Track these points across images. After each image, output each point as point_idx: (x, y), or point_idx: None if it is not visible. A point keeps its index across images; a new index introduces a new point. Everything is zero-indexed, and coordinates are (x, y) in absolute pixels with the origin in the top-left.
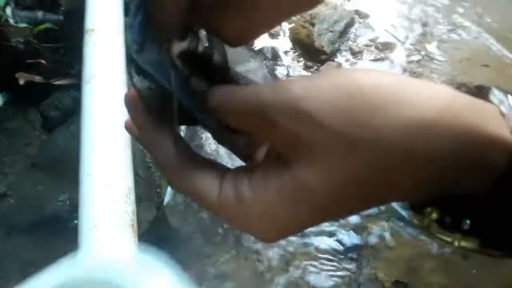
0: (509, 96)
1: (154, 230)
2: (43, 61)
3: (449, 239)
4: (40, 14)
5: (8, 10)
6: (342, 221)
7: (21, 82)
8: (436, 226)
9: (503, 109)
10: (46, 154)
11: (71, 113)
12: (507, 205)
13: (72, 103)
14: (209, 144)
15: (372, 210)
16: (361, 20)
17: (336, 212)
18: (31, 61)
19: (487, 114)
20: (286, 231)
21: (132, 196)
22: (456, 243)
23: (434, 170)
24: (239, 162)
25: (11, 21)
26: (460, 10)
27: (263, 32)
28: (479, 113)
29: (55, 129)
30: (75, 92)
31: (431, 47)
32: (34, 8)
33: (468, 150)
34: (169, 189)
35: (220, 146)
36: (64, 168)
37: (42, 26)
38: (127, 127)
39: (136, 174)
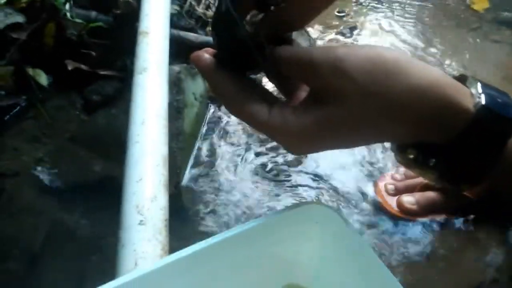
0: (478, 83)
1: (169, 204)
2: (92, 53)
3: (418, 171)
4: (93, 13)
5: (67, 6)
6: None
7: (69, 68)
8: (412, 162)
9: (473, 91)
10: (85, 130)
11: (112, 99)
12: (460, 153)
13: (113, 92)
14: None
15: None
16: None
17: (348, 142)
18: (85, 51)
19: (461, 92)
20: (314, 148)
21: (167, 164)
22: (423, 174)
23: (418, 122)
24: None
25: (69, 15)
26: (448, 61)
27: (314, 17)
28: (456, 90)
29: (95, 111)
30: (116, 83)
31: None
32: (89, 8)
33: (443, 113)
34: (187, 172)
35: None
36: (102, 145)
37: (95, 24)
38: (194, 59)
39: None
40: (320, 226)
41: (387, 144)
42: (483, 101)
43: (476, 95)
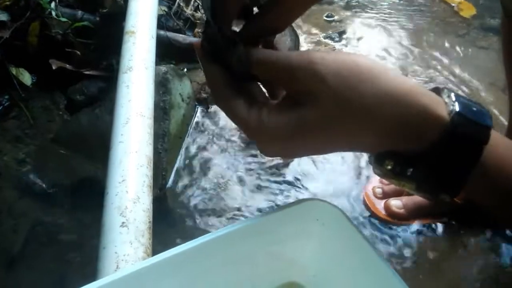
0: (452, 93)
1: (153, 206)
2: (77, 52)
3: (397, 182)
4: (79, 13)
5: (52, 5)
6: None
7: (54, 67)
8: (390, 172)
9: (447, 100)
10: (68, 131)
11: (96, 99)
12: (436, 161)
13: (98, 91)
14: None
15: None
16: None
17: (321, 146)
18: (69, 50)
19: (435, 101)
20: (285, 150)
21: (151, 165)
22: (402, 185)
23: (391, 129)
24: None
25: (54, 14)
26: (436, 66)
27: (295, 19)
28: (430, 99)
29: (79, 111)
30: (101, 83)
31: None
32: (75, 7)
33: (417, 121)
34: (173, 174)
35: None
36: (85, 145)
37: (80, 23)
38: (196, 46)
39: None
40: (321, 223)
41: None
42: (457, 108)
43: (450, 103)
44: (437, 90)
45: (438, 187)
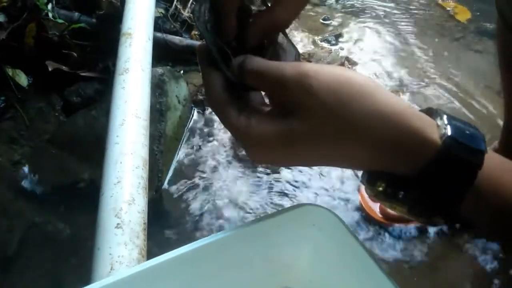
0: (444, 115)
1: (149, 208)
2: (74, 54)
3: (388, 204)
4: (76, 14)
5: (49, 6)
6: None
7: (50, 69)
8: (382, 194)
9: (439, 122)
10: (64, 132)
11: (92, 101)
12: (427, 185)
13: (94, 93)
14: None
15: None
16: (349, 66)
17: (308, 159)
18: (66, 51)
19: (427, 123)
20: (272, 158)
21: (147, 166)
22: (393, 207)
23: (380, 148)
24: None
25: (50, 15)
26: (432, 70)
27: (299, 13)
28: (421, 121)
29: (75, 112)
30: (97, 85)
31: (404, 97)
32: (71, 9)
33: (408, 142)
34: (169, 176)
35: None
36: (81, 147)
37: (77, 25)
38: (198, 49)
39: None
40: (317, 228)
41: None
42: (449, 131)
43: (442, 126)
44: (430, 111)
45: (430, 211)
